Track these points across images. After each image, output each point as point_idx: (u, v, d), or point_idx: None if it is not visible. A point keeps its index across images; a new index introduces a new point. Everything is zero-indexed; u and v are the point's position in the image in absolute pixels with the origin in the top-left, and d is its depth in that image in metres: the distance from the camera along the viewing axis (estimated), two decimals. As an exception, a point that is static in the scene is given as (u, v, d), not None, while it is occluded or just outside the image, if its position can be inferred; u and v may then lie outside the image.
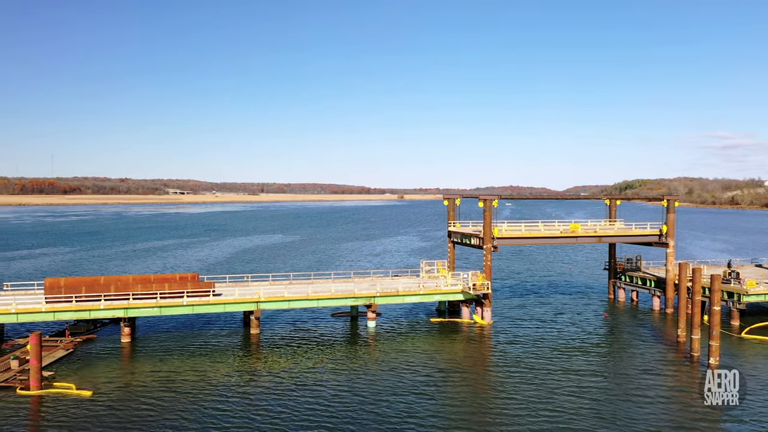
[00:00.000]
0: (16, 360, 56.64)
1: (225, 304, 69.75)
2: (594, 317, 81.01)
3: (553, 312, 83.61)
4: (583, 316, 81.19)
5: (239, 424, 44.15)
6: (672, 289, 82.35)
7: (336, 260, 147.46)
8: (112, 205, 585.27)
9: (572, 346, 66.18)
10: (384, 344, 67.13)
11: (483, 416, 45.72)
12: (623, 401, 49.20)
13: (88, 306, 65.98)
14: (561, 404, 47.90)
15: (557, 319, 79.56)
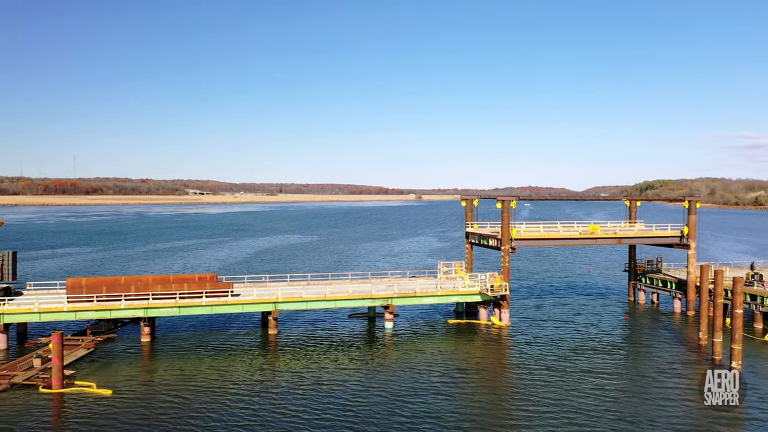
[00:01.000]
0: (38, 359, 57.40)
1: (243, 305, 70.16)
2: (613, 319, 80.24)
3: (571, 313, 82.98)
4: (602, 318, 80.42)
5: (257, 422, 44.41)
6: (693, 292, 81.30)
7: (354, 261, 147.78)
8: (132, 205, 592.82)
9: (591, 348, 65.66)
10: (401, 345, 67.06)
11: (501, 417, 45.62)
12: (626, 402, 49.21)
13: (108, 306, 66.78)
14: (576, 405, 47.69)
15: (576, 320, 78.91)
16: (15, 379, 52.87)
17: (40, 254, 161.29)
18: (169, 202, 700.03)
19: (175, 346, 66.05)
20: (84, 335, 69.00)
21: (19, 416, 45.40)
